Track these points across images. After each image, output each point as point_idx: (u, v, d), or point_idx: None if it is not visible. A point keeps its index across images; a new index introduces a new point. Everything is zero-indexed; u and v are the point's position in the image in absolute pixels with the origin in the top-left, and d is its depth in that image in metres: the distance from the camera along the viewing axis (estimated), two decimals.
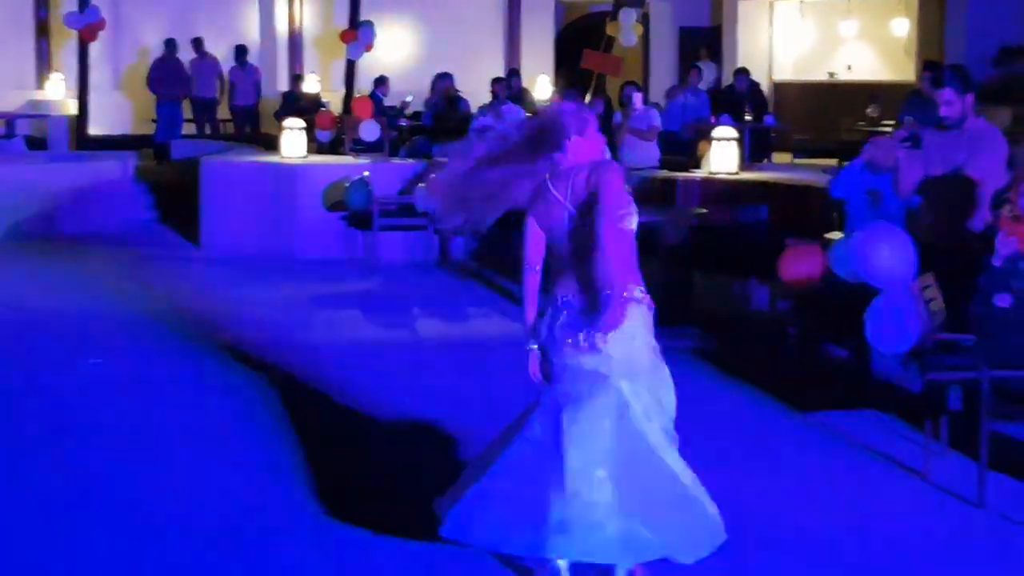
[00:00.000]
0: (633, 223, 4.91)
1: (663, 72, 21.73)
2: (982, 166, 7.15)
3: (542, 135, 5.05)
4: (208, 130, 19.70)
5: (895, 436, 7.16)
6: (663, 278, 10.35)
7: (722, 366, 8.68)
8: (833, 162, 14.55)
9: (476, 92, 17.14)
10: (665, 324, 5.19)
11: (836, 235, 8.61)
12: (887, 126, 14.07)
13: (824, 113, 18.74)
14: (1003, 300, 6.46)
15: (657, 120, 13.87)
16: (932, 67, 14.14)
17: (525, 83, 18.93)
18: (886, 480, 6.54)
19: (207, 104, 19.76)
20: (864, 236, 6.96)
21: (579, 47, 16.82)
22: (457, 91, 17.00)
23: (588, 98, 15.30)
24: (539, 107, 14.30)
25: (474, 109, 16.12)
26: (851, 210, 8.55)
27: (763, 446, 7.06)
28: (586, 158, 5.00)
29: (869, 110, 16.02)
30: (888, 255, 6.78)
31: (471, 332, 10.24)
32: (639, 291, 5.00)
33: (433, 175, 13.11)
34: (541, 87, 19.86)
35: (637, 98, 13.52)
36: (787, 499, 6.20)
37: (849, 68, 21.01)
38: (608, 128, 13.49)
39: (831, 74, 20.93)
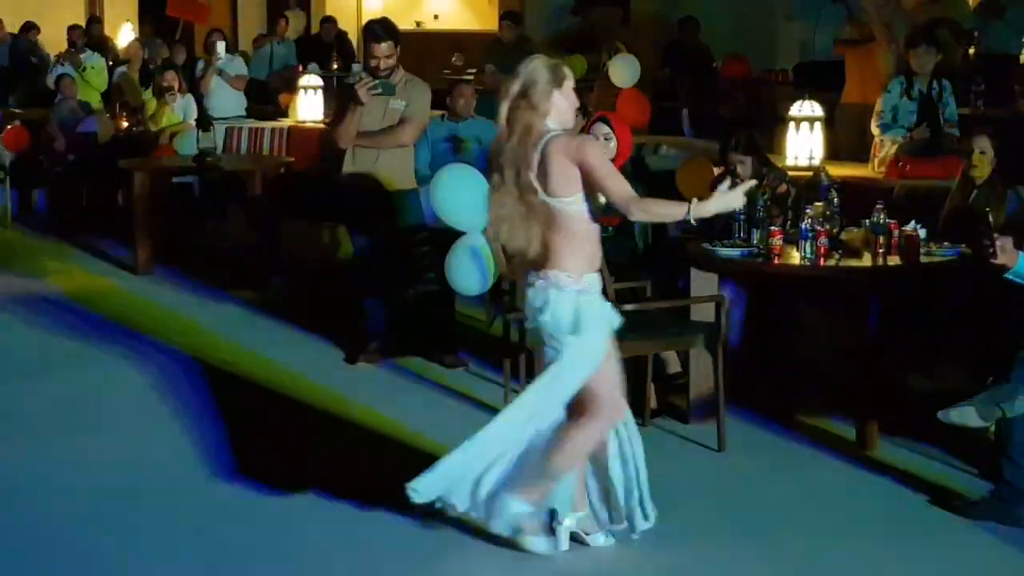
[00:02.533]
0: None
1: (251, 20, 21.40)
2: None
3: None
4: None
5: (479, 377, 7.36)
6: (251, 226, 10.26)
7: (311, 313, 8.72)
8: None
9: (54, 40, 16.38)
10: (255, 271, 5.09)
11: None
12: (470, 74, 14.33)
13: (412, 61, 18.91)
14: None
15: (243, 68, 13.66)
16: (512, 16, 14.52)
17: (107, 31, 18.26)
18: (470, 420, 6.67)
19: None
20: (444, 180, 7.06)
21: None
22: (33, 40, 16.20)
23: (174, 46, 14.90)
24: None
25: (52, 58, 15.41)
26: (435, 156, 8.68)
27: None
28: None
29: (454, 59, 16.26)
30: (467, 199, 6.90)
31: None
32: None
33: (10, 126, 12.56)
34: (124, 35, 19.19)
35: (221, 46, 13.26)
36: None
37: (436, 17, 21.29)
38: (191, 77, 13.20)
39: (418, 23, 21.16)
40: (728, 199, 4.91)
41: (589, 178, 4.79)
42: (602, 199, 6.07)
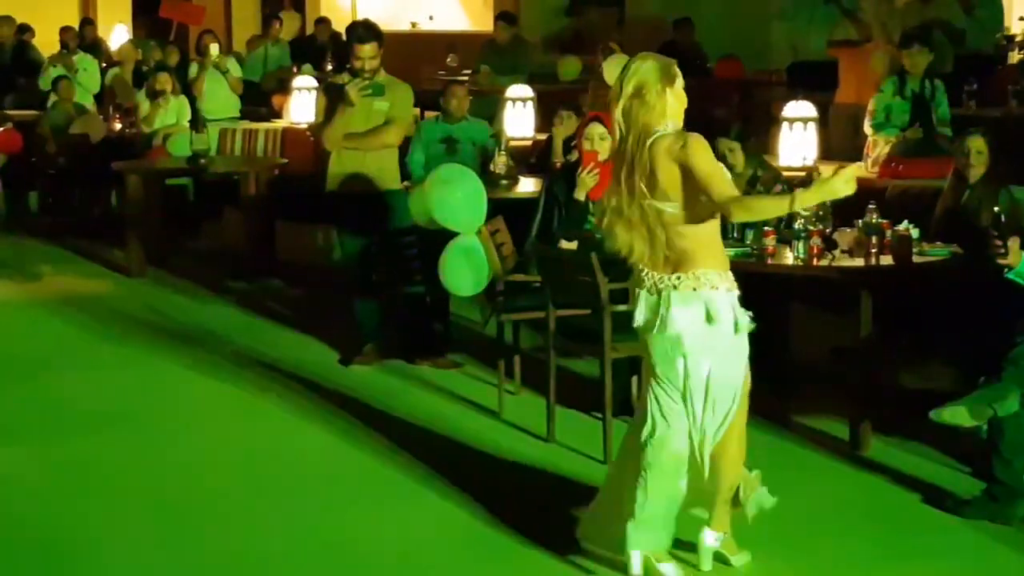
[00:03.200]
0: None
1: (245, 22, 21.39)
2: None
3: None
4: None
5: (473, 378, 7.37)
6: (245, 228, 10.26)
7: (306, 315, 8.71)
8: (415, 111, 14.69)
9: (47, 42, 16.35)
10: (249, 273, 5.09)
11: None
12: (466, 75, 14.33)
13: (407, 62, 18.90)
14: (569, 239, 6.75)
15: (237, 70, 13.64)
16: (507, 17, 14.51)
17: (101, 32, 18.24)
18: (464, 420, 6.70)
19: None
20: (438, 181, 7.07)
21: None
22: (27, 40, 16.16)
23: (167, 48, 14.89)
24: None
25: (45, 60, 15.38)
26: (429, 157, 8.68)
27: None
28: None
29: (449, 59, 16.25)
30: (460, 199, 6.91)
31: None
32: None
33: (2, 128, 12.54)
34: (117, 36, 19.17)
35: (214, 47, 13.24)
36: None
37: (431, 18, 21.29)
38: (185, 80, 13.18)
39: (413, 24, 21.15)
40: (833, 186, 4.56)
41: (691, 177, 4.57)
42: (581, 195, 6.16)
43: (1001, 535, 5.19)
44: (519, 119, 10.98)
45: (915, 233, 6.30)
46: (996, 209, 5.72)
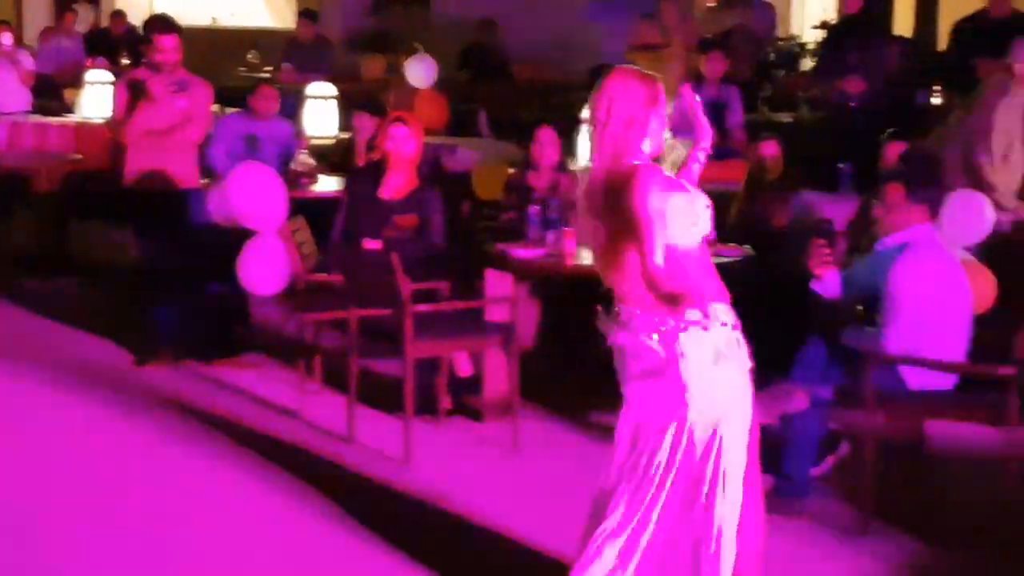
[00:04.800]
0: None
1: (38, 13, 20.80)
2: None
3: None
4: None
5: (273, 379, 7.29)
6: (37, 226, 9.99)
7: (100, 316, 8.51)
8: (215, 108, 14.47)
9: None
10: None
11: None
12: (267, 72, 14.18)
13: (207, 58, 18.60)
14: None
15: (30, 63, 13.25)
16: (310, 15, 14.39)
17: None
18: (264, 422, 6.62)
19: None
20: (236, 179, 6.99)
21: None
22: None
23: None
24: None
25: None
26: (230, 154, 8.59)
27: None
28: None
29: (250, 56, 16.05)
30: (260, 197, 6.84)
31: None
32: None
33: None
34: None
35: (6, 38, 12.84)
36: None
37: (232, 14, 21.00)
38: None
39: (214, 19, 20.83)
40: None
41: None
42: None
43: (789, 529, 5.34)
44: (321, 117, 10.91)
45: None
46: (831, 220, 5.89)
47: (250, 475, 5.83)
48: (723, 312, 4.04)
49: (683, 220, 4.00)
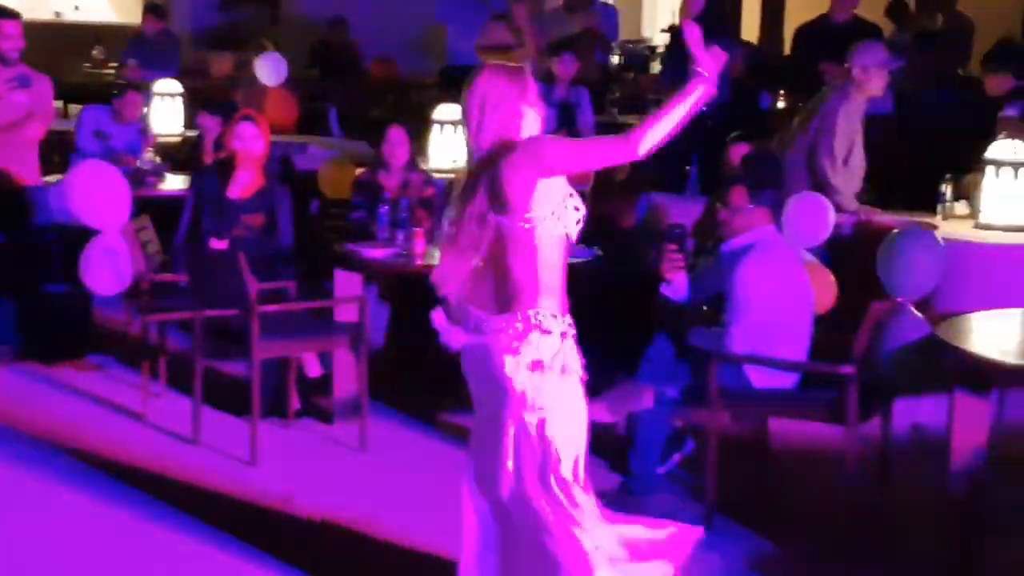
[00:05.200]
0: None
1: None
2: None
3: None
4: None
5: (116, 380, 7.15)
6: None
7: None
8: (58, 103, 14.17)
9: None
10: None
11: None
12: (112, 68, 13.91)
13: (50, 54, 18.20)
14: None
15: None
16: (156, 10, 14.16)
17: None
18: (107, 424, 6.50)
19: None
20: (78, 176, 6.85)
21: None
22: None
23: None
24: None
25: None
26: (83, 149, 8.49)
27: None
28: None
29: (95, 52, 15.74)
30: (103, 196, 6.71)
31: None
32: None
33: None
34: None
35: None
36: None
37: (77, 8, 20.58)
38: None
39: (57, 13, 20.39)
40: None
41: None
42: None
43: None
44: (167, 115, 10.75)
45: None
46: (683, 224, 5.95)
47: (93, 479, 5.72)
48: (558, 322, 4.01)
49: (547, 205, 3.98)
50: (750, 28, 15.21)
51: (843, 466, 5.25)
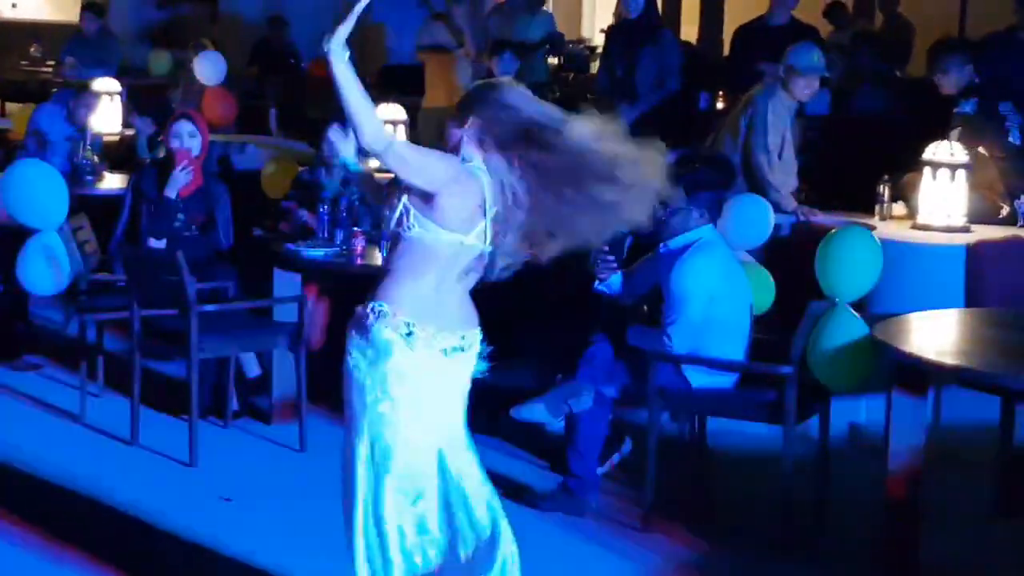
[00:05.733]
0: None
1: None
2: None
3: None
4: None
5: (54, 380, 7.09)
6: None
7: None
8: None
9: None
10: None
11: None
12: (49, 66, 13.80)
13: None
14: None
15: None
16: (94, 8, 14.05)
17: None
18: (44, 425, 6.44)
19: None
20: (14, 176, 6.76)
21: None
22: None
23: None
24: None
25: None
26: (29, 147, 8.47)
27: None
28: None
29: (32, 49, 15.60)
30: (39, 194, 6.64)
31: None
32: None
33: None
34: None
35: None
36: None
37: (14, 6, 20.38)
38: None
39: None
40: None
41: None
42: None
43: (575, 526, 5.41)
44: (106, 113, 10.64)
45: None
46: None
47: (29, 480, 5.66)
48: (429, 333, 4.16)
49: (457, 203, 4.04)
50: (691, 29, 15.29)
51: (781, 466, 5.28)
